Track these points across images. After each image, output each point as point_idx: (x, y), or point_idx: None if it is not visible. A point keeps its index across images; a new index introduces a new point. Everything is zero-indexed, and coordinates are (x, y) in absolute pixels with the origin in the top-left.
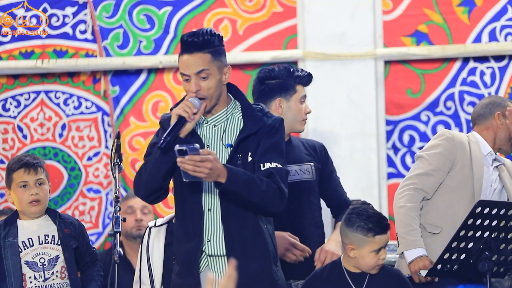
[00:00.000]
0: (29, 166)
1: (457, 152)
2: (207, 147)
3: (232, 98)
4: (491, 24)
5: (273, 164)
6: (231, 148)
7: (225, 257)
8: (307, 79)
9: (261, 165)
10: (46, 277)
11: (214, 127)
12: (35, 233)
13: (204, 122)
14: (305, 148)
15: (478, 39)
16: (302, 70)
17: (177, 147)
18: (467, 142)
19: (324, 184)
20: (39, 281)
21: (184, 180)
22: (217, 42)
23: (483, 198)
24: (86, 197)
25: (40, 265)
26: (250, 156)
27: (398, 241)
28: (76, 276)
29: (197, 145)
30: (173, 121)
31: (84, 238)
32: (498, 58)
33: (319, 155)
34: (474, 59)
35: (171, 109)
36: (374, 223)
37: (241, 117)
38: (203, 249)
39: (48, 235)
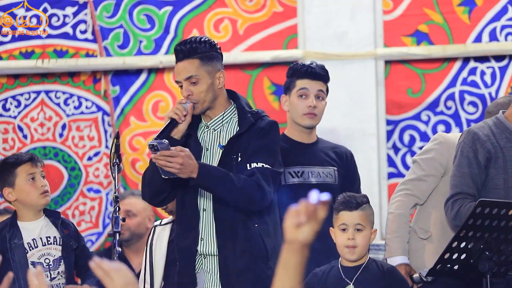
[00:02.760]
0: (34, 159)
1: (450, 157)
2: (206, 150)
3: (232, 103)
4: (491, 24)
5: (259, 164)
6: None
7: (217, 256)
8: (303, 71)
9: (248, 165)
10: (52, 276)
11: (214, 131)
12: (38, 234)
13: (205, 127)
14: (331, 152)
15: (478, 39)
16: (303, 64)
17: (148, 143)
18: None
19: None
20: (45, 280)
21: (162, 176)
22: (207, 48)
23: None
24: (86, 197)
25: (46, 265)
26: (239, 156)
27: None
28: (72, 276)
29: (166, 141)
30: (165, 124)
31: (80, 240)
32: (499, 58)
33: (345, 162)
34: (475, 59)
35: None
36: (342, 201)
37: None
38: (197, 248)
39: (49, 237)
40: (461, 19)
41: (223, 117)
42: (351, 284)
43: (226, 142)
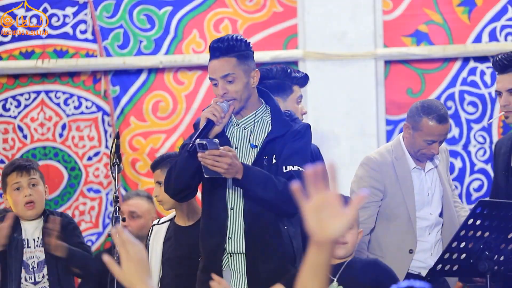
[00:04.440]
0: (21, 168)
1: (385, 180)
2: (235, 149)
3: (263, 102)
4: (491, 24)
5: (295, 167)
6: (257, 149)
7: (245, 255)
8: (303, 80)
9: (284, 167)
10: (37, 280)
11: (244, 129)
12: (31, 235)
13: (235, 124)
14: None
15: (478, 39)
16: (298, 71)
17: (197, 141)
18: (391, 164)
19: None
20: (29, 283)
21: (205, 175)
22: (243, 47)
23: (422, 214)
24: (86, 197)
25: (31, 268)
26: (274, 158)
27: None
28: (56, 278)
29: (216, 140)
30: (202, 124)
31: (73, 238)
32: None
33: (315, 158)
34: (474, 59)
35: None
36: None
37: (270, 120)
38: (225, 246)
39: (39, 237)
40: (461, 19)
41: (255, 116)
42: (335, 280)
43: (258, 142)
